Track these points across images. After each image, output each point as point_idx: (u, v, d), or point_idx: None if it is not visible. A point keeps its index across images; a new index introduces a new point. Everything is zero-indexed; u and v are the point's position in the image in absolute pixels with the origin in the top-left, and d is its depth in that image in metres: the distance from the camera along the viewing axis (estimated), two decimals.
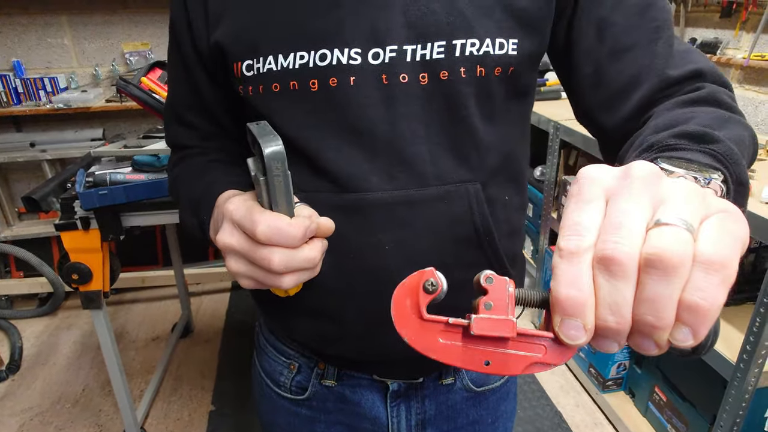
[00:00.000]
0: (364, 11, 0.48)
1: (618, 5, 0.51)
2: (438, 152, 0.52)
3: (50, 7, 2.31)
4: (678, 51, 0.50)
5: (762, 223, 1.12)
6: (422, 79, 0.50)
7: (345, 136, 0.52)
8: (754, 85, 1.67)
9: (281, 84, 0.51)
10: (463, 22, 0.48)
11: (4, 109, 2.29)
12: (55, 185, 1.46)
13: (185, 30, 0.58)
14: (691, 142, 0.37)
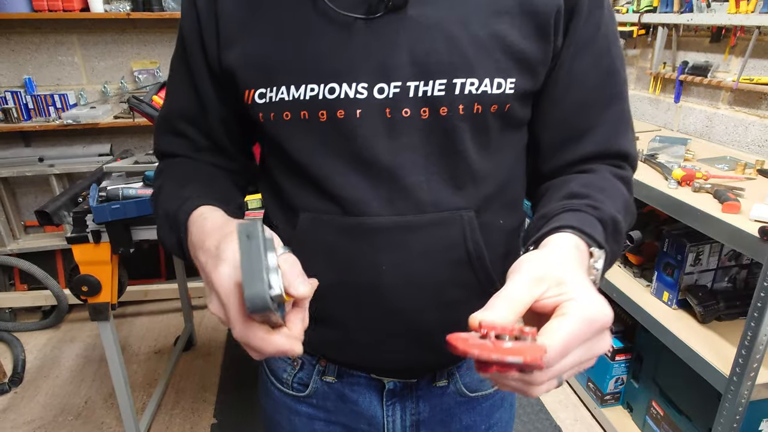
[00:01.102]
0: (372, 49, 0.52)
1: (591, 67, 0.57)
2: (435, 181, 0.56)
3: (62, 27, 2.37)
4: (622, 125, 0.61)
5: (751, 240, 1.16)
6: (423, 114, 0.54)
7: (350, 163, 0.56)
8: (744, 107, 1.73)
9: (292, 113, 0.55)
10: (464, 62, 0.52)
11: (14, 125, 2.34)
12: (66, 199, 1.50)
13: (197, 44, 0.60)
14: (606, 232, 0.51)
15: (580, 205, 0.52)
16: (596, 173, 0.59)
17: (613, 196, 0.55)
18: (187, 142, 0.66)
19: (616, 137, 0.60)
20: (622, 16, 2.15)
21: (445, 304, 0.60)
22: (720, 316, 1.48)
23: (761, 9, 1.56)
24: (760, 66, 1.66)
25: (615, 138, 0.60)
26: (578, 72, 0.57)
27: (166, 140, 0.67)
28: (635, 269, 1.73)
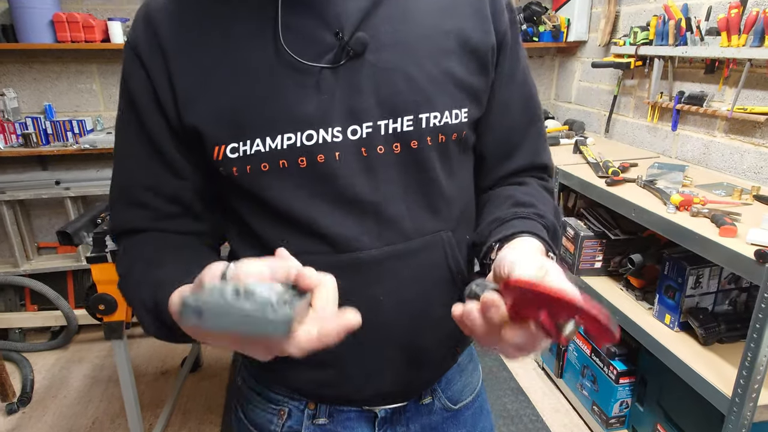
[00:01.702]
0: (340, 95, 0.56)
1: (515, 94, 0.67)
2: (415, 209, 0.60)
3: (82, 57, 2.48)
4: (542, 141, 0.72)
5: (748, 263, 1.20)
6: (395, 149, 0.58)
7: (335, 203, 0.58)
8: (739, 135, 1.79)
9: (270, 164, 0.56)
10: (425, 98, 0.58)
11: (33, 149, 2.42)
12: (86, 221, 1.56)
13: (153, 107, 0.57)
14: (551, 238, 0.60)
15: (528, 213, 0.61)
16: (529, 185, 0.69)
17: (547, 206, 0.65)
18: (148, 213, 0.61)
19: (539, 152, 0.71)
20: (619, 48, 2.24)
21: (435, 321, 0.64)
22: (722, 339, 1.51)
23: (752, 43, 1.63)
24: (753, 96, 1.73)
25: (538, 153, 0.71)
26: (507, 100, 0.66)
27: (124, 215, 0.63)
28: (637, 292, 1.77)
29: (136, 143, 0.59)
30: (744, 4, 1.67)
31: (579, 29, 2.60)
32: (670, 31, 1.94)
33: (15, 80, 2.47)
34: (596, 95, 2.60)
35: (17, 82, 2.48)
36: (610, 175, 1.78)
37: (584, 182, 1.84)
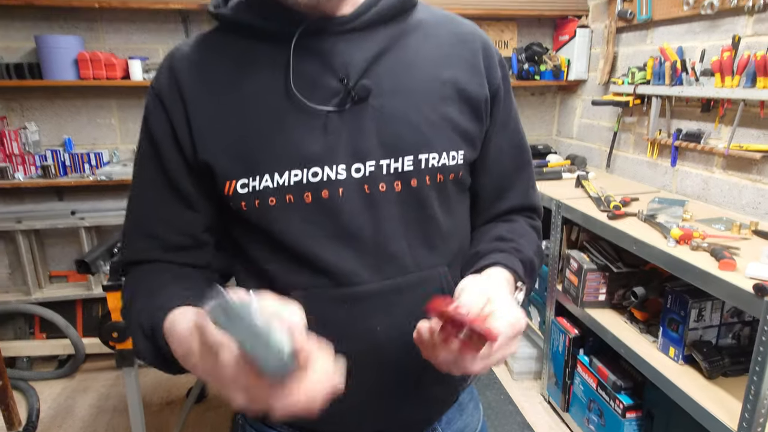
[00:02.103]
0: (345, 136, 0.60)
1: (507, 142, 0.73)
2: (414, 245, 0.64)
3: (103, 93, 2.59)
4: (531, 184, 0.79)
5: (748, 297, 1.23)
6: (396, 187, 0.62)
7: (337, 238, 0.61)
8: (736, 171, 1.84)
9: (278, 198, 0.60)
10: (425, 140, 0.63)
11: (51, 180, 2.51)
12: (103, 251, 1.61)
13: (171, 145, 0.61)
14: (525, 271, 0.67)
15: (507, 248, 0.67)
16: (516, 222, 0.76)
17: (530, 242, 0.72)
18: (158, 243, 0.65)
19: (529, 195, 0.78)
20: (618, 87, 2.32)
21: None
22: (726, 372, 1.52)
23: (744, 84, 1.71)
24: (748, 134, 1.79)
25: (528, 195, 0.78)
26: (500, 146, 0.73)
27: (136, 246, 0.66)
28: (641, 325, 1.78)
29: (154, 178, 0.64)
30: (736, 48, 1.75)
31: (579, 69, 2.70)
32: (666, 71, 2.03)
33: (37, 114, 2.58)
34: (597, 131, 2.67)
35: (39, 116, 2.58)
36: (611, 209, 1.83)
37: (586, 216, 1.88)
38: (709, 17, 1.90)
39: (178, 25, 2.59)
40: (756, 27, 1.74)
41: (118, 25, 2.54)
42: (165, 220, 0.65)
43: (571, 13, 2.69)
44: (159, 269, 0.65)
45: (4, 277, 2.70)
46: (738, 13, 1.79)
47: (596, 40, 2.63)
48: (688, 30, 2.03)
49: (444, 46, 0.67)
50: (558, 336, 2.18)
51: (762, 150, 1.71)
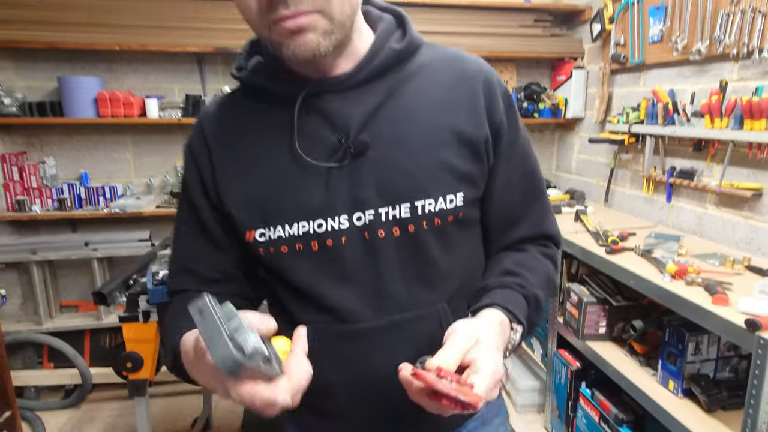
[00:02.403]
0: (345, 188, 0.66)
1: (515, 174, 0.75)
2: (412, 285, 0.69)
3: (119, 130, 2.71)
4: (545, 213, 0.80)
5: (740, 331, 1.28)
6: (395, 232, 0.67)
7: (341, 281, 0.68)
8: (729, 208, 1.91)
9: (289, 246, 0.67)
10: (420, 188, 0.66)
11: (66, 213, 2.59)
12: (119, 283, 1.68)
13: (201, 193, 0.71)
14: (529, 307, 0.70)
15: (511, 283, 0.70)
16: (527, 252, 0.77)
17: (538, 274, 0.74)
18: (194, 278, 0.74)
19: (541, 224, 0.79)
20: (614, 125, 2.42)
21: None
22: (725, 405, 1.55)
23: (733, 126, 1.79)
24: (739, 173, 1.86)
25: (540, 224, 0.79)
26: (506, 179, 0.75)
27: (178, 280, 0.76)
28: (641, 358, 1.82)
29: (189, 221, 0.74)
30: (723, 92, 1.85)
31: (576, 107, 2.81)
32: (659, 112, 2.12)
33: (56, 149, 2.69)
34: (595, 167, 2.76)
35: (57, 151, 2.69)
36: (609, 244, 1.89)
37: (585, 250, 1.94)
38: (698, 62, 2.01)
39: (193, 65, 2.72)
40: (741, 72, 1.85)
41: (136, 65, 2.67)
42: (199, 257, 0.74)
43: (568, 56, 2.82)
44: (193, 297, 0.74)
45: (16, 306, 2.75)
46: (724, 59, 1.90)
47: (592, 81, 2.75)
48: (679, 74, 2.14)
49: (444, 88, 0.69)
50: (560, 368, 2.21)
51: (752, 188, 1.78)
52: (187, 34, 2.50)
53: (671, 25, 2.10)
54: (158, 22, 2.46)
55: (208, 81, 2.76)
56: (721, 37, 1.84)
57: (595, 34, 2.60)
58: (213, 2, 2.51)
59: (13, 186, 2.56)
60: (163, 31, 2.47)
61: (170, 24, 2.48)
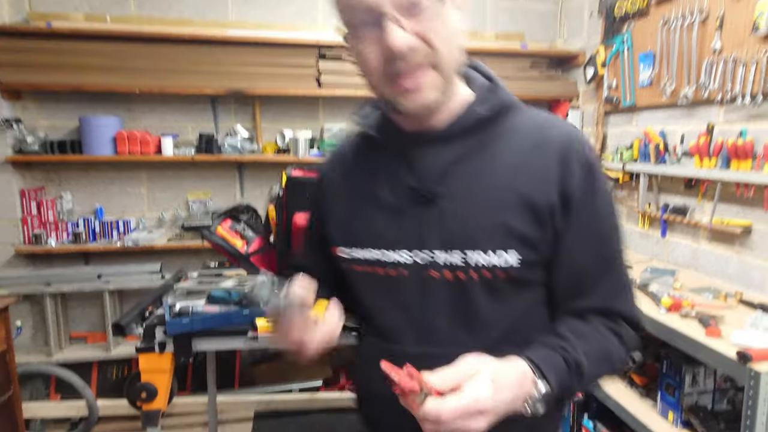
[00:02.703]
0: (413, 227, 0.75)
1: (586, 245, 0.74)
2: (454, 325, 0.75)
3: (135, 166, 2.82)
4: (619, 288, 0.77)
5: (732, 363, 1.34)
6: (447, 276, 0.73)
7: (395, 307, 0.77)
8: (721, 243, 1.99)
9: (361, 268, 0.80)
10: (474, 242, 0.72)
11: (81, 246, 2.68)
12: (135, 314, 1.74)
13: (316, 212, 0.91)
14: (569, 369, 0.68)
15: (553, 344, 0.70)
16: (589, 323, 0.75)
17: (591, 344, 0.71)
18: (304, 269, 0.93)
19: (611, 299, 0.76)
20: (609, 163, 2.53)
21: None
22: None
23: (720, 166, 1.90)
24: (728, 210, 1.95)
25: (610, 300, 0.76)
26: (574, 247, 0.74)
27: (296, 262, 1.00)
28: (641, 389, 1.86)
29: (308, 230, 0.96)
30: (711, 134, 1.96)
31: None
32: (651, 152, 2.23)
33: (73, 185, 2.79)
34: None
35: (74, 186, 2.80)
36: None
37: None
38: (686, 106, 2.13)
39: (207, 106, 2.86)
40: (727, 116, 1.96)
41: (154, 105, 2.81)
42: (308, 257, 0.96)
43: (563, 97, 2.96)
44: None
45: (26, 338, 2.80)
46: (710, 103, 2.02)
47: (587, 121, 2.88)
48: (669, 116, 2.26)
49: (520, 153, 0.74)
50: None
51: (742, 225, 1.87)
52: (202, 78, 2.65)
53: (660, 70, 2.23)
54: (175, 66, 2.61)
55: (221, 120, 2.90)
56: (706, 83, 1.97)
57: (588, 77, 2.74)
58: (225, 47, 2.67)
59: (31, 220, 2.65)
60: (180, 74, 2.62)
61: (186, 68, 2.63)
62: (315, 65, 2.77)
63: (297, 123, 2.99)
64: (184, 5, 2.77)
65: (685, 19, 2.06)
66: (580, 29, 2.92)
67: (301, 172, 1.73)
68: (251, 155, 2.80)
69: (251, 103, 2.90)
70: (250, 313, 1.56)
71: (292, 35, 2.77)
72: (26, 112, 2.68)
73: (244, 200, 2.94)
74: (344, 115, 3.06)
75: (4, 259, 2.67)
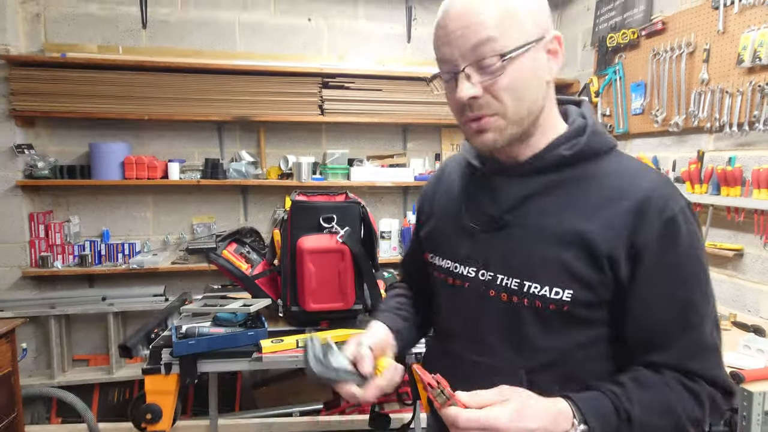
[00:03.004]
0: (481, 250, 0.82)
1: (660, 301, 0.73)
2: (502, 341, 0.80)
3: (141, 190, 2.89)
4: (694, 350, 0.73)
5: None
6: (503, 297, 0.79)
7: (456, 314, 0.87)
8: (714, 267, 2.03)
9: (438, 274, 0.90)
10: (533, 273, 0.76)
11: (86, 269, 2.72)
12: (141, 336, 1.77)
13: (420, 218, 1.00)
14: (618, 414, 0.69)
15: (607, 390, 0.71)
16: (659, 375, 0.73)
17: (652, 394, 0.71)
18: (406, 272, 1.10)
19: (687, 359, 0.72)
20: None
21: None
22: None
23: (711, 192, 1.96)
24: (720, 234, 2.01)
25: (686, 360, 0.72)
26: (647, 300, 0.73)
27: (401, 273, 1.13)
28: None
29: (413, 235, 1.06)
30: (701, 161, 2.03)
31: None
32: None
33: (81, 208, 2.86)
34: None
35: (82, 210, 2.86)
36: None
37: None
38: (677, 133, 2.21)
39: (213, 132, 2.95)
40: (716, 144, 2.03)
41: (161, 132, 2.89)
42: (412, 257, 1.06)
43: None
44: (402, 289, 1.07)
45: (29, 360, 2.81)
46: (700, 131, 2.10)
47: None
48: (660, 143, 2.33)
49: (595, 200, 0.75)
50: None
51: (733, 249, 1.92)
52: (209, 105, 2.74)
53: (651, 99, 2.32)
54: (184, 94, 2.71)
55: (226, 146, 2.98)
56: (695, 112, 2.05)
57: None
58: (232, 76, 2.77)
59: (38, 243, 2.70)
60: (187, 102, 2.71)
61: (194, 96, 2.72)
62: (318, 93, 2.86)
63: (300, 148, 3.08)
64: (194, 37, 2.88)
65: (673, 52, 2.16)
66: (574, 60, 3.02)
67: (304, 197, 1.79)
68: (255, 179, 2.87)
69: (256, 130, 2.98)
70: (255, 335, 1.60)
71: (297, 65, 2.87)
72: (38, 138, 2.76)
73: (247, 223, 3.00)
74: (346, 141, 3.15)
75: (11, 282, 2.71)
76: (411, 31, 3.14)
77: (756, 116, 1.80)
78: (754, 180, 1.78)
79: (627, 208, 0.73)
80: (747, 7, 1.85)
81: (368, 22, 3.10)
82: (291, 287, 1.72)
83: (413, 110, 2.99)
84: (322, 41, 3.05)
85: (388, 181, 3.01)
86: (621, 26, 2.55)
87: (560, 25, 3.16)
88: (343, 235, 1.68)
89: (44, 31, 2.72)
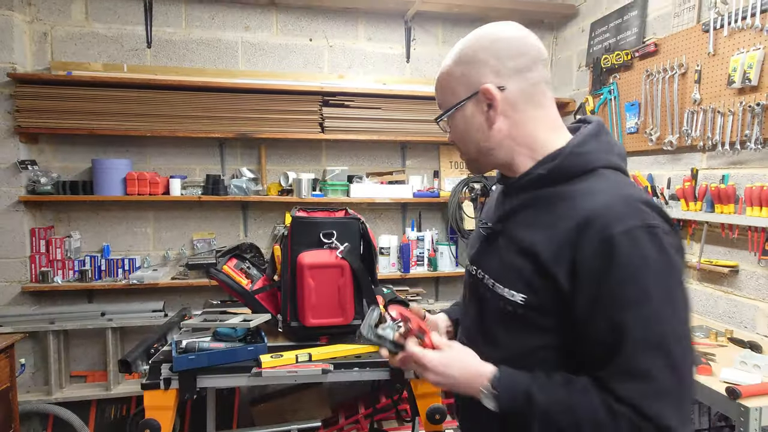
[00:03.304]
0: (483, 252, 0.98)
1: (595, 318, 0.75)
2: (478, 332, 0.97)
3: (142, 206, 2.91)
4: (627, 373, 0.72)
5: (722, 399, 1.38)
6: (485, 294, 0.93)
7: (464, 306, 1.07)
8: (710, 283, 2.05)
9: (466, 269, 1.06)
10: (499, 275, 0.90)
11: (86, 284, 2.73)
12: (141, 351, 1.78)
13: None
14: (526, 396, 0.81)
15: (536, 375, 0.81)
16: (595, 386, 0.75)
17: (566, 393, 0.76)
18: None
19: (615, 384, 0.72)
20: None
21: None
22: None
23: (705, 209, 1.99)
24: (715, 251, 2.03)
25: (613, 384, 0.73)
26: (582, 320, 0.77)
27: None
28: None
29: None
30: (695, 178, 2.07)
31: None
32: None
33: (82, 224, 2.87)
34: None
35: (83, 226, 2.88)
36: None
37: None
38: (671, 152, 2.25)
39: (214, 149, 2.98)
40: (709, 162, 2.07)
41: (163, 148, 2.93)
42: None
43: None
44: None
45: (27, 376, 2.80)
46: (693, 150, 2.14)
47: None
48: (655, 161, 2.37)
49: (549, 219, 0.83)
50: None
51: (728, 265, 1.94)
52: (211, 122, 2.78)
53: (645, 119, 2.36)
54: (186, 111, 2.75)
55: (227, 162, 3.02)
56: (688, 131, 2.09)
57: None
58: (234, 94, 2.82)
59: (39, 258, 2.72)
60: (189, 119, 2.76)
61: (196, 113, 2.76)
62: (319, 111, 2.91)
63: (300, 165, 3.11)
64: (197, 55, 2.94)
65: (666, 73, 2.21)
66: (569, 80, 3.08)
67: (305, 213, 1.82)
68: (256, 195, 2.90)
69: (257, 146, 3.02)
70: (255, 350, 1.61)
71: (298, 83, 2.93)
72: (42, 154, 2.80)
73: (248, 239, 3.01)
74: (346, 158, 3.19)
75: (11, 297, 2.71)
76: (410, 51, 3.20)
77: (747, 135, 1.84)
78: (747, 197, 1.82)
79: (571, 226, 0.78)
80: (736, 31, 1.91)
81: (368, 42, 3.17)
82: (291, 302, 1.74)
83: (412, 128, 3.03)
84: (323, 60, 3.11)
85: (387, 197, 3.04)
86: (615, 48, 2.62)
87: (556, 46, 3.23)
88: (342, 251, 1.70)
89: (51, 50, 2.77)
